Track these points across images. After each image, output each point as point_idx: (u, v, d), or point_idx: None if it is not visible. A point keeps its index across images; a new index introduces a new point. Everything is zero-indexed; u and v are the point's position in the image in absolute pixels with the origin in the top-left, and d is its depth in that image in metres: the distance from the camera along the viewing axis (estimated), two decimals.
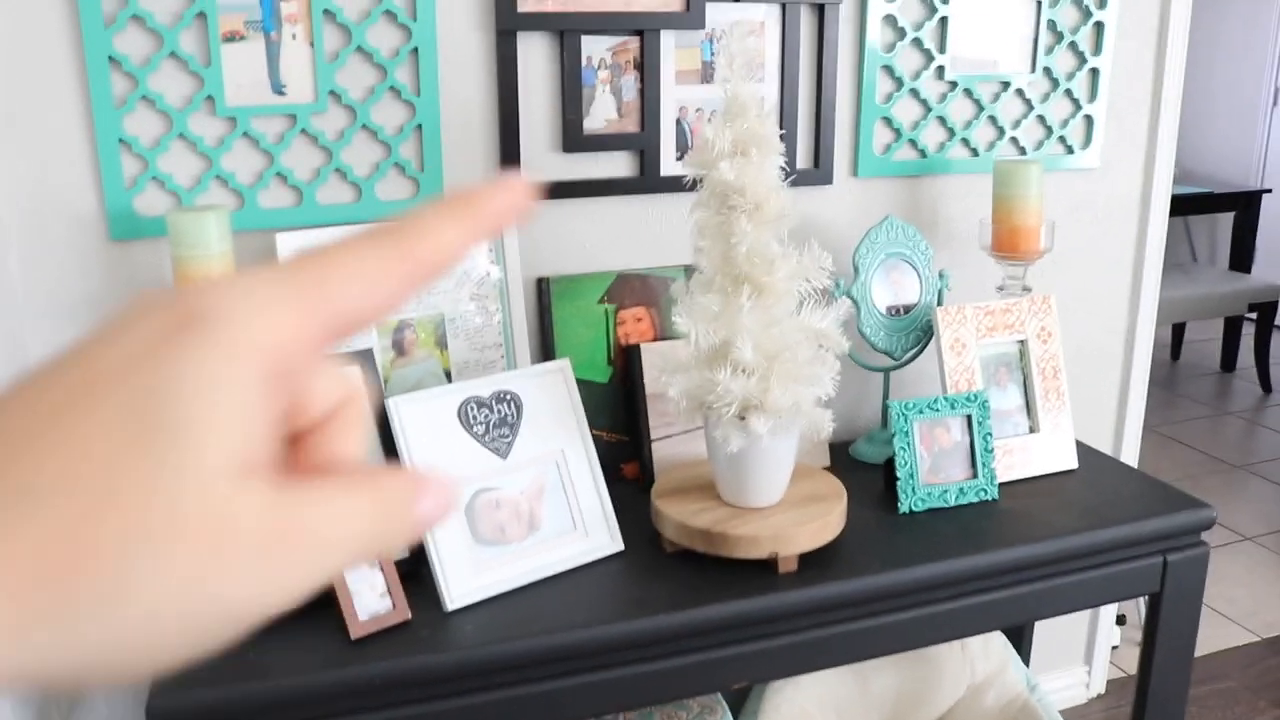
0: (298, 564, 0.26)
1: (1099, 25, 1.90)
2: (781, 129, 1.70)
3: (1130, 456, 2.20)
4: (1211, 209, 4.86)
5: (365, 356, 1.39)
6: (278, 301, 0.27)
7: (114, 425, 0.24)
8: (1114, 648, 2.49)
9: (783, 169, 1.32)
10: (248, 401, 0.26)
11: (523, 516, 1.37)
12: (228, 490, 0.25)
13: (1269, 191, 5.03)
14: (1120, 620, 2.58)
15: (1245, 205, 4.91)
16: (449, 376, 1.53)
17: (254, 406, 0.26)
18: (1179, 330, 5.01)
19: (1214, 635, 2.66)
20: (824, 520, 1.37)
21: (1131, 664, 2.45)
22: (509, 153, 1.57)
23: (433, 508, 0.28)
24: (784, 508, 1.39)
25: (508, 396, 1.39)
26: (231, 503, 0.25)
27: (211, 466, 0.25)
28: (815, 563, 1.38)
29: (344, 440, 0.30)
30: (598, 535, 1.40)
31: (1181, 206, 4.60)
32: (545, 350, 1.61)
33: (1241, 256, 5.01)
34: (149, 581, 0.24)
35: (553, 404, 1.42)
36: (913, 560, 1.41)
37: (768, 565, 1.35)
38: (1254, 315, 4.50)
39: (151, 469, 0.24)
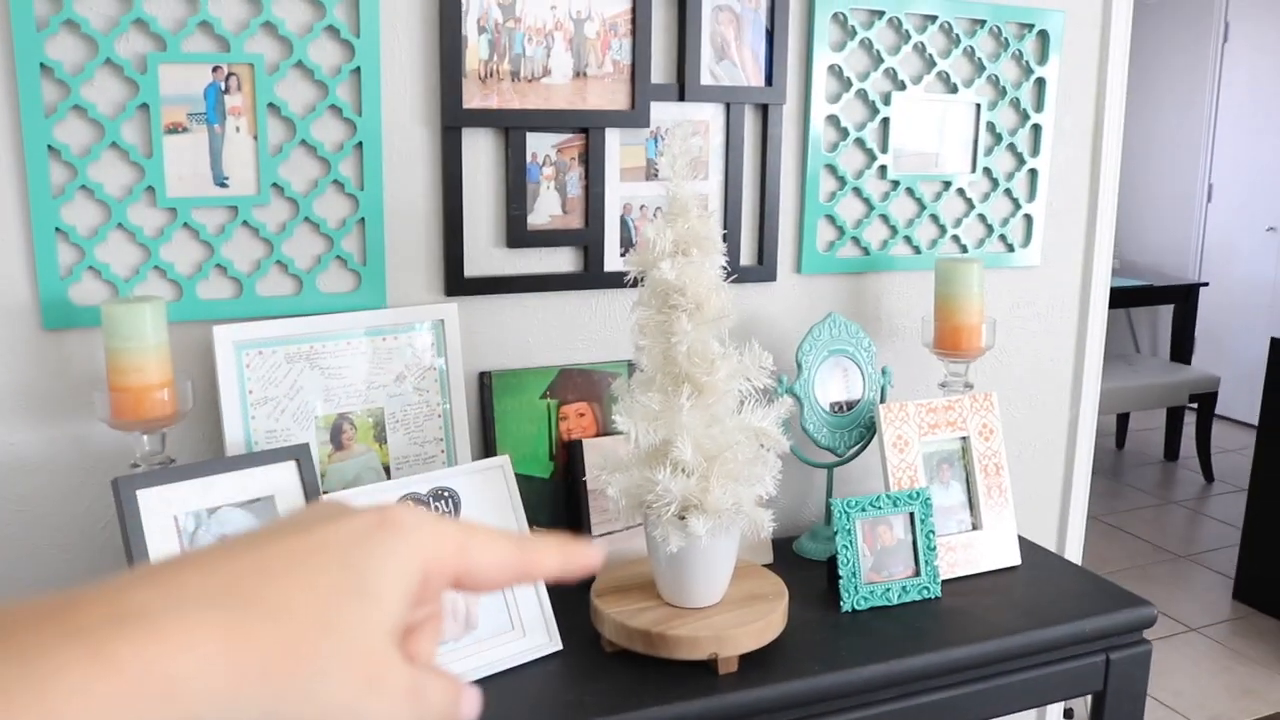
0: (403, 714, 0.36)
1: (1036, 128, 1.95)
2: (725, 226, 1.71)
3: (1074, 549, 2.21)
4: (1152, 301, 4.97)
5: (301, 451, 1.37)
6: (442, 535, 0.39)
7: (334, 582, 0.35)
8: None
9: (724, 268, 1.33)
10: (410, 589, 0.37)
11: (459, 615, 1.34)
12: (388, 647, 0.36)
13: (1205, 285, 5.16)
14: (1068, 715, 2.57)
15: (1184, 298, 5.03)
16: (388, 471, 1.51)
17: (411, 593, 0.37)
18: (1123, 419, 5.09)
19: None
20: (765, 620, 1.35)
21: None
22: (452, 247, 1.57)
23: (468, 709, 0.40)
24: (725, 607, 1.38)
25: (446, 493, 1.37)
26: (388, 656, 0.36)
27: (386, 628, 0.36)
28: (757, 663, 1.36)
29: (428, 642, 0.42)
30: (535, 635, 1.38)
31: (1124, 299, 4.71)
32: (486, 445, 1.59)
33: (1181, 347, 5.12)
34: (329, 692, 0.34)
35: (492, 501, 1.40)
36: (855, 661, 1.39)
37: (708, 666, 1.33)
38: (1195, 405, 4.58)
39: (354, 619, 0.35)
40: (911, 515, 1.57)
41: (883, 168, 1.84)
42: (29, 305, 1.41)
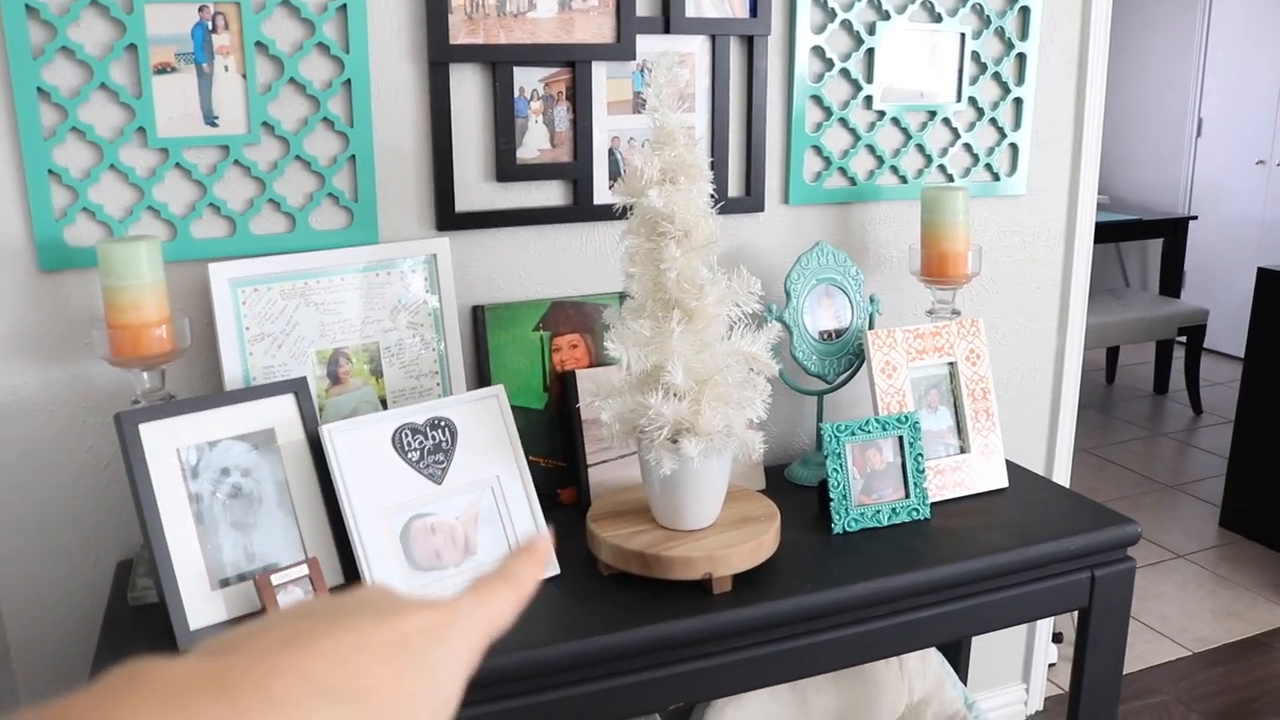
0: None
1: (1021, 56, 1.95)
2: (712, 158, 1.73)
3: (1062, 477, 2.25)
4: (1142, 235, 4.98)
5: (299, 385, 1.39)
6: (484, 620, 0.42)
7: (419, 684, 0.38)
8: (1051, 665, 2.52)
9: (711, 196, 1.34)
10: (461, 676, 0.40)
11: (458, 541, 1.37)
12: None
13: (1195, 218, 5.17)
14: (1057, 639, 2.62)
15: (1173, 232, 5.05)
16: (384, 404, 1.54)
17: (461, 679, 0.40)
18: (1113, 353, 5.12)
19: (1147, 650, 2.72)
20: (758, 541, 1.39)
21: (1068, 681, 2.48)
22: (443, 182, 1.58)
23: None
24: (718, 529, 1.41)
25: (442, 423, 1.40)
26: None
27: (448, 710, 0.39)
28: (750, 583, 1.39)
29: None
30: None
31: (1113, 233, 4.72)
32: (481, 378, 1.62)
33: (1171, 281, 5.14)
34: None
35: (487, 430, 1.42)
36: (846, 579, 1.43)
37: (703, 586, 1.37)
38: (1184, 339, 4.61)
39: (430, 707, 0.38)
40: (900, 439, 1.60)
41: (868, 98, 1.85)
42: (25, 247, 1.43)
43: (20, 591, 1.51)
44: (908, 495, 1.60)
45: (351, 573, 1.36)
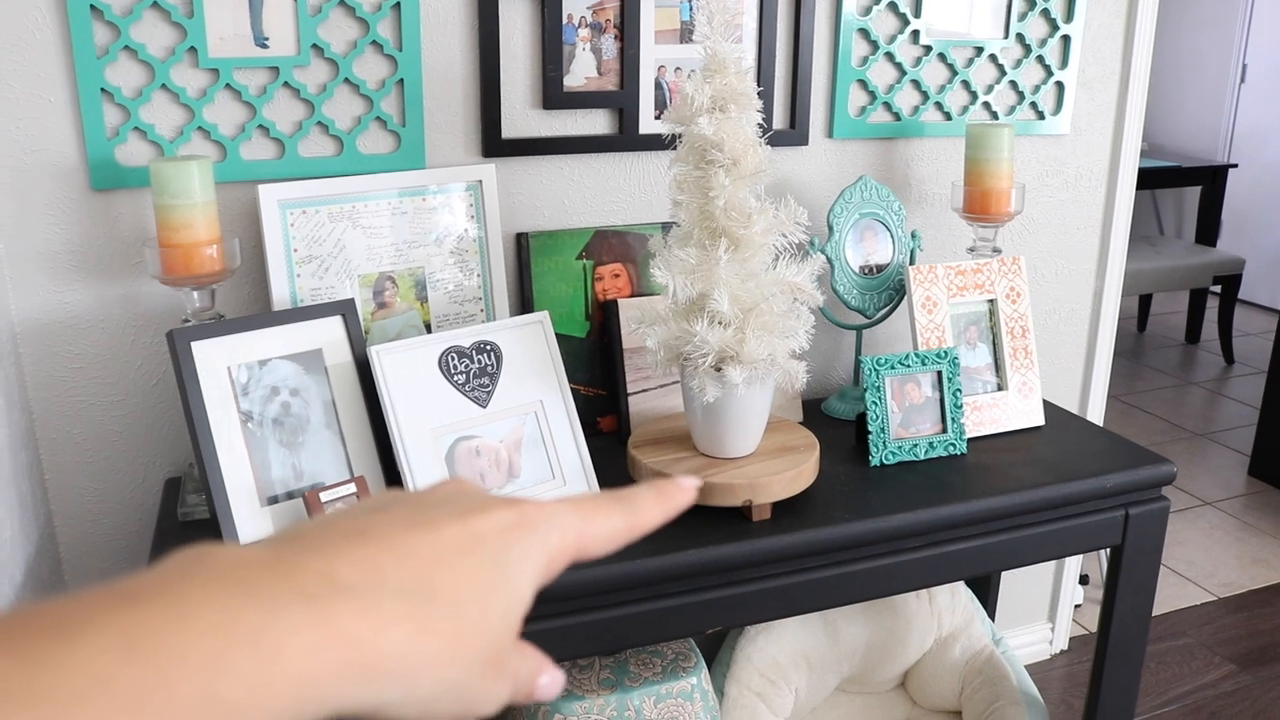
0: (506, 692, 0.40)
1: None
2: (759, 90, 1.72)
3: (1095, 419, 2.25)
4: (1179, 183, 4.92)
5: (346, 306, 1.41)
6: (566, 529, 0.41)
7: (490, 581, 0.38)
8: (1077, 606, 2.55)
9: (760, 125, 1.34)
10: (540, 584, 0.40)
11: (502, 464, 1.40)
12: (513, 634, 0.39)
13: (1235, 166, 5.10)
14: (1084, 580, 2.64)
15: (1212, 179, 4.98)
16: (429, 329, 1.55)
17: (535, 584, 0.40)
18: (1145, 302, 5.09)
19: (1174, 595, 2.73)
20: (797, 470, 1.40)
21: (1094, 622, 2.51)
22: (489, 108, 1.58)
23: (552, 685, 0.42)
24: (758, 458, 1.43)
25: (488, 347, 1.41)
26: (510, 643, 0.39)
27: (516, 618, 0.39)
28: (788, 511, 1.41)
29: None
30: (575, 484, 1.43)
31: (1150, 180, 4.66)
32: (524, 305, 1.63)
33: (1207, 230, 5.09)
34: (471, 683, 0.37)
35: (532, 355, 1.44)
36: (883, 510, 1.44)
37: (742, 513, 1.39)
38: (1218, 288, 4.57)
39: (502, 619, 0.38)
40: (939, 374, 1.60)
41: (915, 32, 1.83)
42: (78, 166, 1.44)
43: (72, 505, 1.54)
44: (945, 430, 1.61)
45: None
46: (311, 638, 0.32)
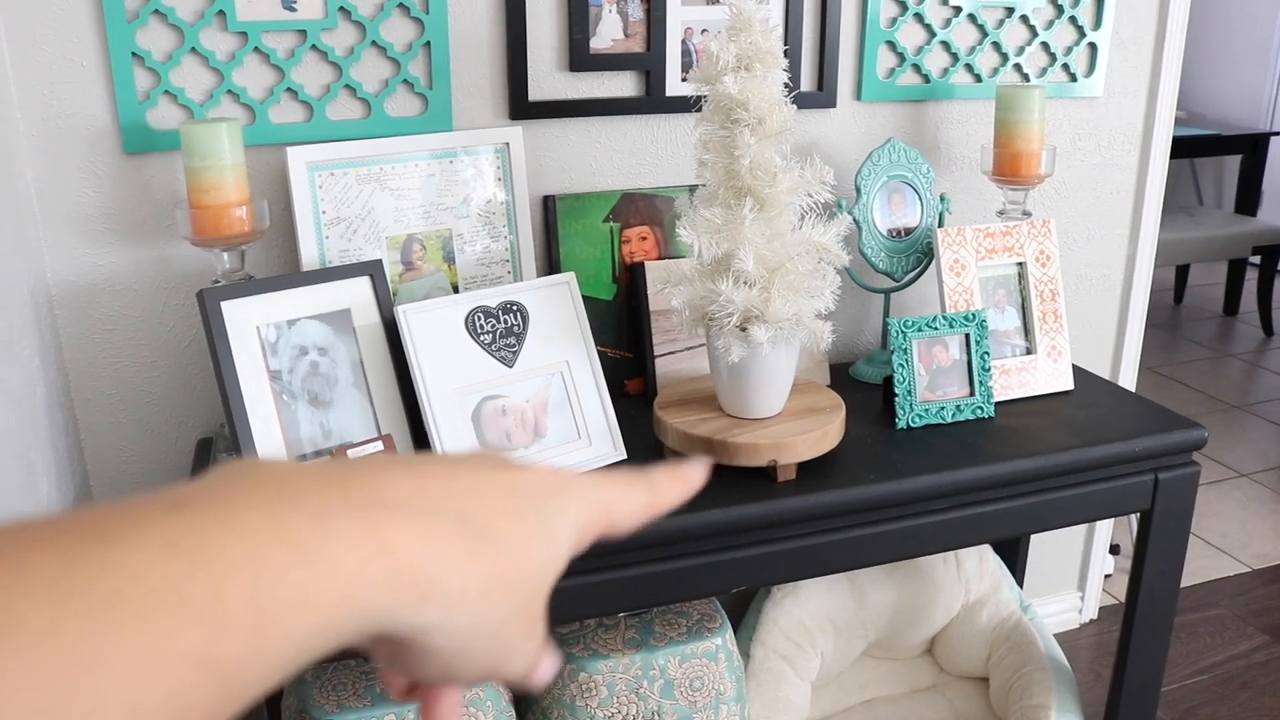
0: (531, 659, 0.40)
1: None
2: (785, 50, 1.71)
3: (1128, 384, 2.23)
4: (1219, 151, 4.85)
5: (374, 267, 1.42)
6: (599, 500, 0.42)
7: (532, 526, 0.38)
8: (1107, 576, 2.53)
9: (786, 85, 1.34)
10: (575, 546, 0.41)
11: (528, 424, 1.41)
12: (546, 592, 0.39)
13: (1277, 134, 5.02)
14: (1114, 550, 2.62)
15: (1253, 148, 4.90)
16: (456, 290, 1.56)
17: (571, 545, 0.40)
18: (1182, 273, 5.02)
19: (1206, 566, 2.71)
20: (823, 431, 1.40)
21: (1124, 592, 2.49)
22: (516, 71, 1.59)
23: (547, 666, 0.42)
24: (784, 419, 1.43)
25: (514, 307, 1.42)
26: (543, 604, 0.40)
27: (555, 570, 0.39)
28: (814, 472, 1.41)
29: None
30: (601, 444, 1.44)
31: (1188, 148, 4.60)
32: (551, 267, 1.64)
33: (1247, 199, 5.01)
34: (507, 629, 0.37)
35: (558, 316, 1.45)
36: (909, 472, 1.44)
37: (767, 473, 1.39)
38: (1257, 259, 4.51)
39: (542, 566, 0.38)
40: (967, 336, 1.60)
41: None
42: (110, 129, 1.46)
43: (107, 465, 1.57)
44: (972, 393, 1.60)
45: (424, 448, 1.39)
46: (360, 547, 0.31)
